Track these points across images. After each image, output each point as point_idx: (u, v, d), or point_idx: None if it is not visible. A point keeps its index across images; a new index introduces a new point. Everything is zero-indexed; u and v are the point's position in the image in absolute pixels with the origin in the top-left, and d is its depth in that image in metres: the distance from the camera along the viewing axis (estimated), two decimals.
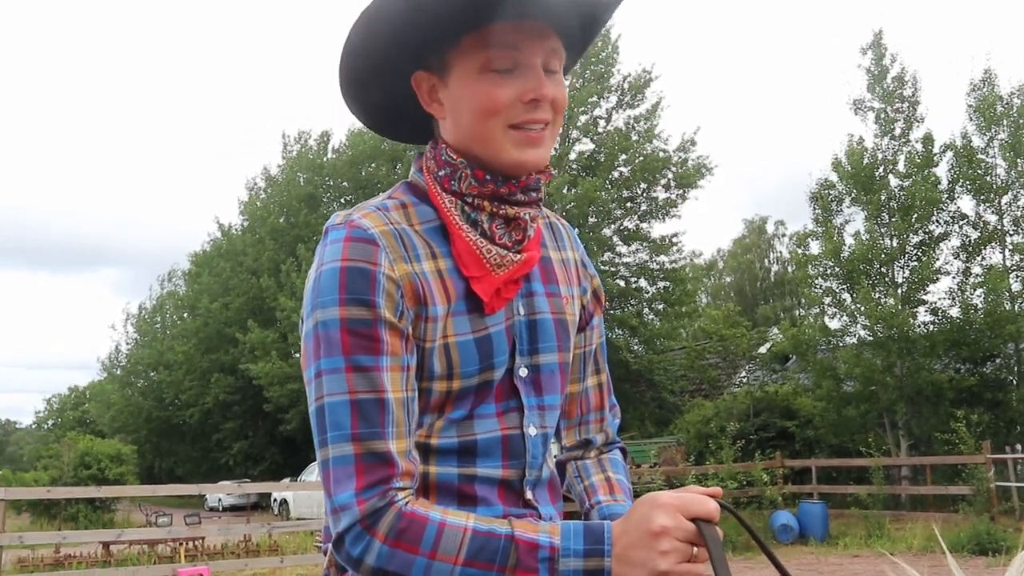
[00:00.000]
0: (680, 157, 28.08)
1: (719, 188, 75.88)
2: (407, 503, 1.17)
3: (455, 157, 1.31)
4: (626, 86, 28.37)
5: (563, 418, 1.54)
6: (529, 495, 1.36)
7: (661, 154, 27.85)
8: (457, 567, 1.14)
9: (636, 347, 28.21)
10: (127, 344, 49.72)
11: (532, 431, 1.35)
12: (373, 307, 1.20)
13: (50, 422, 63.28)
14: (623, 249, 29.32)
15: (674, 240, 28.74)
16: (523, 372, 1.34)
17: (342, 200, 34.28)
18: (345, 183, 34.35)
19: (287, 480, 27.46)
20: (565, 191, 26.52)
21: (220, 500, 33.44)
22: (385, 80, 1.38)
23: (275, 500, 29.06)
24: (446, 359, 1.27)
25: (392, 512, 1.16)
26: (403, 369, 1.22)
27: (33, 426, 70.47)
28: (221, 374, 37.01)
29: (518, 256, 1.32)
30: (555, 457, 1.59)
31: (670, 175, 27.96)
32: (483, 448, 1.31)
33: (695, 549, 1.14)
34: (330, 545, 1.22)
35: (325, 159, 37.29)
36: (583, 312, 1.50)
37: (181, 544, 13.72)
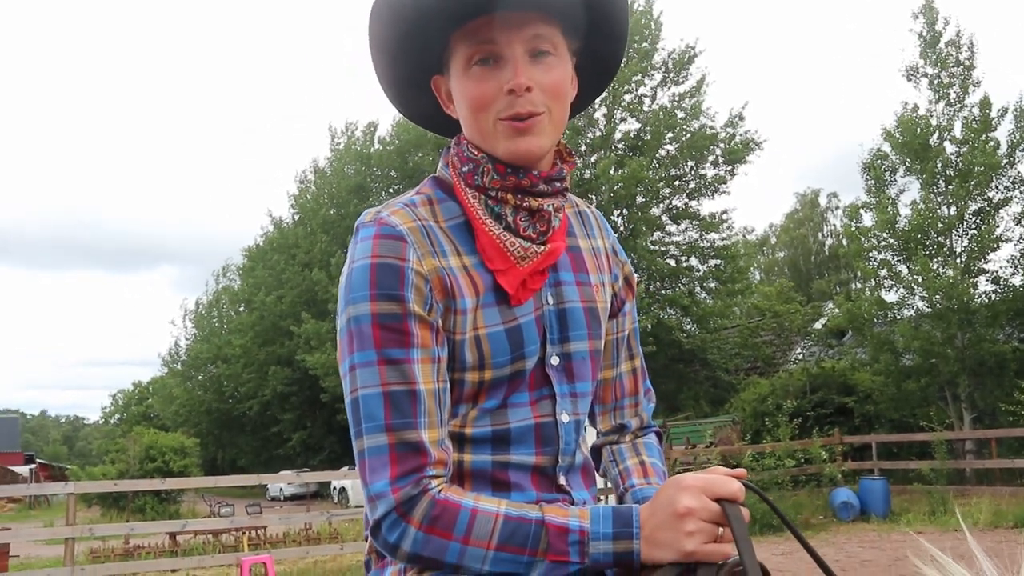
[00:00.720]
0: (728, 133, 27.67)
1: (769, 162, 74.66)
2: (440, 491, 1.20)
3: (476, 152, 1.34)
4: (670, 63, 28.00)
5: (598, 403, 1.56)
6: (562, 480, 1.37)
7: (708, 131, 27.47)
8: (490, 552, 1.17)
9: (688, 326, 27.98)
10: (186, 339, 50.86)
11: (565, 418, 1.36)
12: (403, 301, 1.23)
13: (116, 417, 64.97)
14: (672, 228, 29.05)
15: (724, 217, 28.38)
16: (555, 360, 1.36)
17: (390, 189, 34.51)
18: (392, 172, 34.55)
19: (345, 469, 27.86)
20: (612, 172, 26.32)
21: (281, 490, 34.10)
22: (422, 88, 1.42)
23: (334, 488, 29.53)
24: (478, 350, 1.28)
25: (426, 499, 1.18)
26: (434, 361, 1.25)
27: (100, 422, 72.40)
28: (278, 366, 37.65)
29: (542, 248, 1.33)
30: (592, 442, 1.60)
31: (718, 151, 27.57)
32: (516, 436, 1.32)
33: (720, 529, 1.16)
34: (368, 532, 1.25)
35: (372, 149, 37.55)
36: (615, 299, 1.51)
37: (244, 533, 14.02)
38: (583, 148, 28.55)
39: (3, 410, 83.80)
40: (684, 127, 27.37)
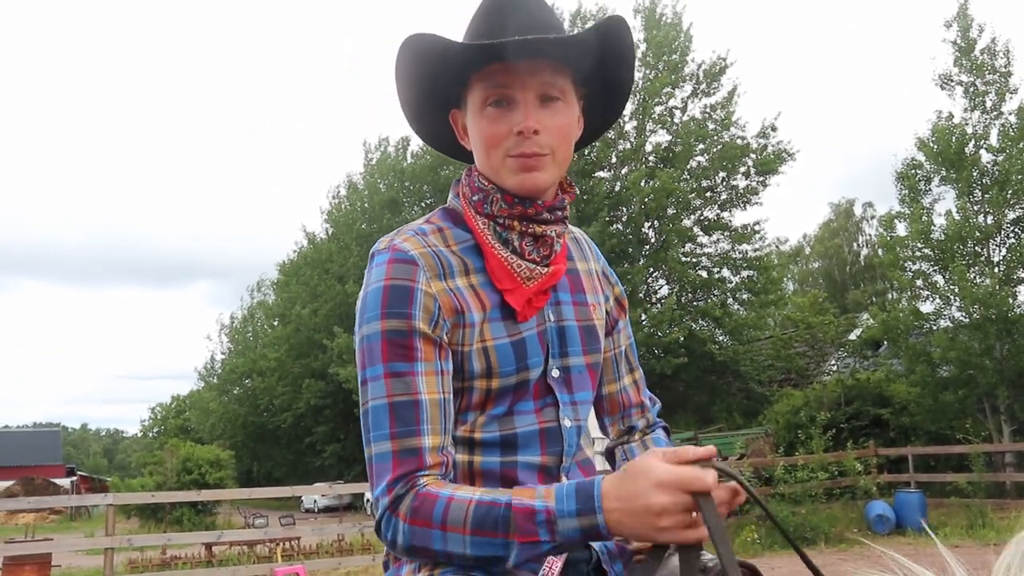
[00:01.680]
0: (760, 143, 27.52)
1: (804, 172, 73.99)
2: (425, 485, 1.30)
3: (487, 184, 1.47)
4: (701, 74, 27.94)
5: (607, 416, 1.68)
6: (565, 479, 1.46)
7: (739, 141, 27.34)
8: (467, 536, 1.25)
9: (721, 338, 27.78)
10: (222, 354, 51.40)
11: (567, 423, 1.48)
12: (409, 319, 1.35)
13: (155, 430, 65.75)
14: (704, 239, 28.90)
15: (756, 228, 28.19)
16: (555, 373, 1.48)
17: (422, 204, 34.68)
18: (425, 187, 34.73)
19: None
20: (643, 184, 26.29)
21: (315, 502, 34.32)
22: (437, 116, 1.58)
23: (367, 500, 29.65)
24: (486, 360, 1.40)
25: (411, 493, 1.29)
26: (438, 374, 1.36)
27: (139, 434, 73.36)
28: (312, 379, 37.93)
29: (545, 269, 1.47)
30: (604, 448, 1.72)
31: (750, 162, 27.43)
32: (523, 440, 1.44)
33: (693, 513, 1.18)
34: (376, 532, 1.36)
35: (405, 164, 37.82)
36: (608, 318, 1.65)
37: (278, 544, 14.16)
38: (613, 160, 28.56)
39: (45, 423, 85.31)
40: (715, 138, 27.28)
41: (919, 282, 19.72)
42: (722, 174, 27.65)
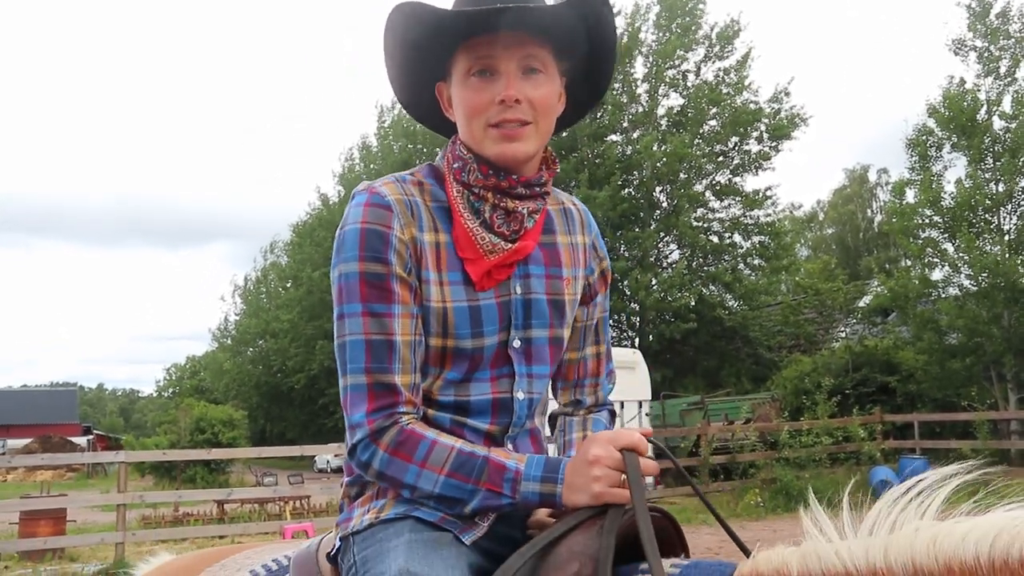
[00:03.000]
0: (772, 108, 27.31)
1: (818, 138, 73.26)
2: (409, 423, 1.42)
3: (466, 152, 1.52)
4: (714, 37, 27.66)
5: (561, 379, 1.75)
6: (509, 446, 1.56)
7: (752, 106, 27.13)
8: (441, 476, 1.40)
9: (731, 303, 27.81)
10: (235, 315, 51.74)
11: (520, 395, 1.55)
12: (387, 263, 1.44)
13: (170, 391, 66.52)
14: (716, 204, 28.83)
15: (768, 193, 28.07)
16: (516, 344, 1.55)
17: None
18: (438, 149, 34.63)
19: None
20: (655, 148, 26.17)
21: (328, 462, 34.74)
22: (424, 88, 1.62)
23: None
24: (443, 320, 1.48)
25: (395, 428, 1.41)
26: (412, 317, 1.46)
27: (155, 394, 74.26)
28: (325, 341, 38.14)
29: (509, 245, 1.51)
30: (552, 411, 1.80)
31: (762, 127, 27.24)
32: (475, 407, 1.52)
33: (623, 476, 1.34)
34: (347, 454, 1.48)
35: (418, 127, 37.68)
36: (588, 289, 1.70)
37: (287, 503, 14.41)
38: (625, 124, 28.40)
39: (62, 383, 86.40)
40: (728, 103, 27.07)
41: (928, 249, 19.65)
42: (735, 139, 27.49)
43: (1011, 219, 18.78)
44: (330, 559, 1.55)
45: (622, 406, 17.04)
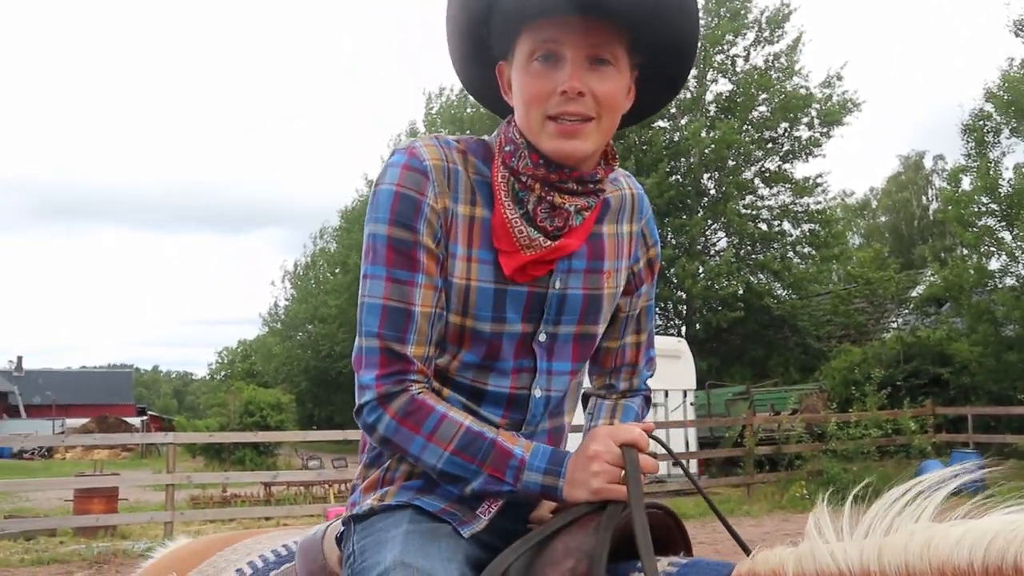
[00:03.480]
0: (824, 93, 26.80)
1: (872, 123, 71.72)
2: (420, 392, 1.40)
3: (519, 137, 1.44)
4: (764, 21, 27.20)
5: (596, 366, 1.70)
6: None
7: (803, 91, 26.65)
8: (447, 452, 1.37)
9: (779, 292, 27.43)
10: (285, 299, 52.44)
11: (538, 393, 1.51)
12: (415, 231, 1.39)
13: (222, 374, 67.67)
14: (764, 192, 28.43)
15: (819, 181, 27.60)
16: (542, 337, 1.49)
17: None
18: (486, 136, 34.62)
19: None
20: (703, 134, 25.86)
21: None
22: (484, 67, 1.54)
23: None
24: (464, 298, 1.43)
25: (405, 396, 1.39)
26: (435, 289, 1.42)
27: (207, 377, 75.69)
28: None
29: (548, 242, 1.43)
30: (585, 390, 1.74)
31: (813, 113, 26.75)
32: (490, 397, 1.49)
33: (622, 472, 1.32)
34: (354, 413, 1.46)
35: (465, 113, 37.72)
36: (633, 279, 1.62)
37: (331, 486, 14.60)
38: (673, 109, 28.08)
39: (119, 365, 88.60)
40: (778, 88, 26.62)
41: (985, 238, 19.14)
42: (784, 125, 27.06)
43: None
44: (338, 542, 1.55)
45: (666, 395, 16.94)
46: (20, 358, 58.18)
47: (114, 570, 9.31)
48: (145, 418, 47.75)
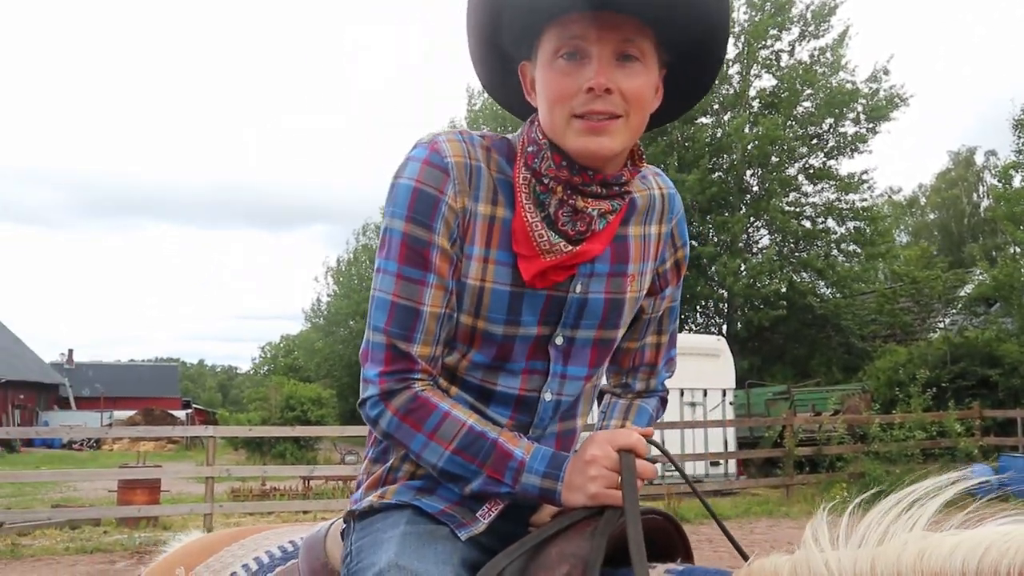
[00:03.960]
0: (870, 88, 26.33)
1: (920, 118, 70.29)
2: (423, 389, 1.38)
3: (542, 138, 1.40)
4: (809, 15, 26.79)
5: (614, 364, 1.67)
6: None
7: (849, 86, 26.21)
8: (447, 452, 1.35)
9: (823, 290, 27.03)
10: (328, 295, 52.97)
11: (548, 396, 1.48)
12: (431, 230, 1.37)
13: (265, 368, 68.60)
14: (808, 188, 28.02)
15: (864, 177, 27.14)
16: (559, 340, 1.46)
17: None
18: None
19: None
20: (746, 130, 25.57)
21: None
22: (507, 67, 1.50)
23: None
24: (477, 300, 1.40)
25: (408, 393, 1.38)
26: (446, 290, 1.39)
27: (251, 372, 76.84)
28: None
29: (569, 248, 1.39)
30: (600, 387, 1.71)
31: (859, 108, 26.30)
32: (499, 397, 1.46)
33: (619, 478, 1.29)
34: (358, 404, 1.46)
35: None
36: (658, 280, 1.58)
37: None
38: (715, 105, 27.80)
39: (166, 358, 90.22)
40: (823, 83, 26.21)
41: None
42: (829, 120, 26.64)
43: None
44: (343, 537, 1.54)
45: (705, 394, 16.78)
46: (71, 351, 59.49)
47: (153, 560, 9.46)
48: (190, 411, 48.56)
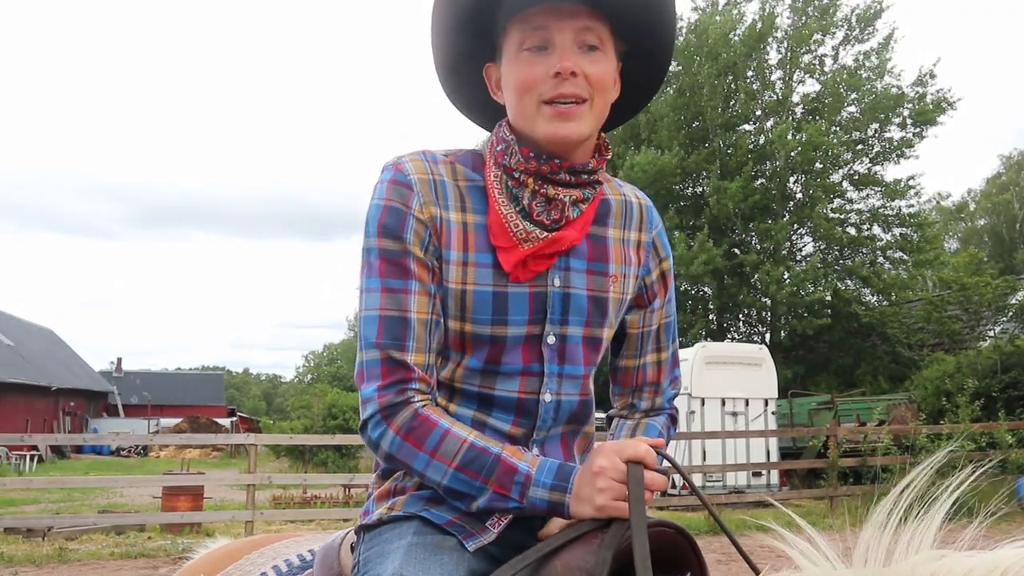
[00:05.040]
0: (916, 92, 25.87)
1: (969, 122, 68.89)
2: (424, 406, 1.38)
3: (509, 134, 1.47)
4: (854, 19, 26.44)
5: (617, 386, 1.67)
6: (535, 451, 1.48)
7: (894, 91, 25.79)
8: (451, 469, 1.35)
9: (869, 298, 26.55)
10: None
11: (547, 397, 1.47)
12: (403, 241, 1.41)
13: (308, 377, 69.20)
14: (853, 195, 27.61)
15: (911, 183, 26.65)
16: (551, 339, 1.47)
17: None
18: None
19: None
20: (789, 137, 25.26)
21: None
22: (472, 70, 1.55)
23: None
24: (461, 303, 1.42)
25: (408, 410, 1.37)
26: (429, 296, 1.42)
27: (295, 380, 77.52)
28: None
29: (545, 234, 1.42)
30: (608, 413, 1.72)
31: (905, 113, 25.86)
32: (499, 402, 1.46)
33: (627, 490, 1.27)
34: (359, 429, 1.45)
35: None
36: (645, 292, 1.60)
37: None
38: (758, 112, 27.53)
39: (211, 367, 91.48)
40: (868, 88, 25.82)
41: None
42: (875, 126, 26.24)
43: None
44: (352, 550, 1.54)
45: (747, 404, 16.58)
46: (119, 359, 60.63)
47: (180, 568, 9.59)
48: (234, 419, 49.16)
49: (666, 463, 1.34)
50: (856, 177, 27.13)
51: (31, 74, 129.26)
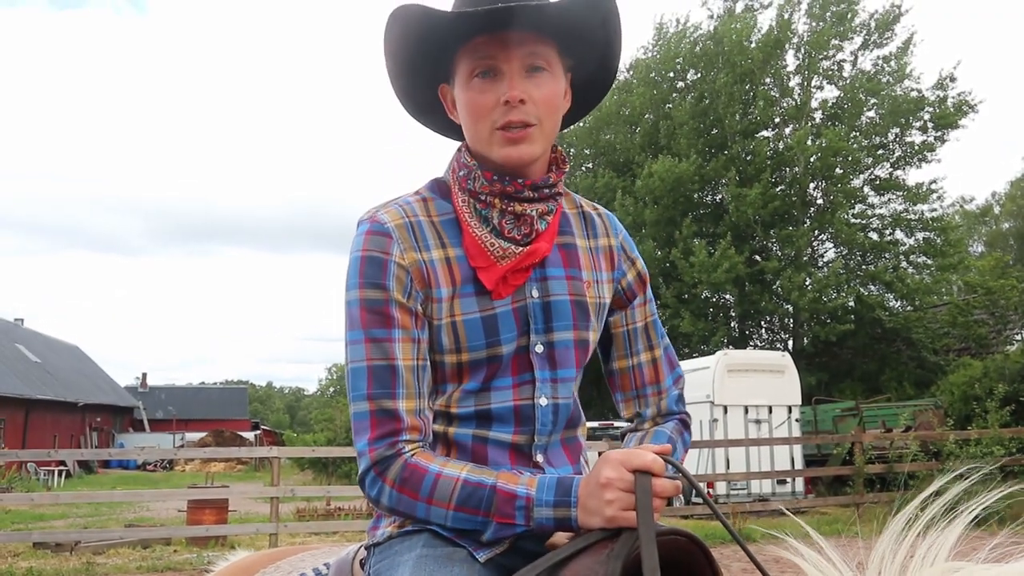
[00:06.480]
0: (937, 96, 25.67)
1: (993, 125, 68.22)
2: (413, 455, 1.38)
3: (470, 160, 1.50)
4: (872, 24, 26.30)
5: (619, 392, 1.68)
6: (539, 458, 1.50)
7: (914, 95, 25.60)
8: (450, 511, 1.35)
9: (892, 303, 26.30)
10: None
11: (543, 401, 1.49)
12: (385, 289, 1.42)
13: (331, 390, 69.51)
14: (875, 200, 27.41)
15: (933, 187, 26.42)
16: (539, 348, 1.49)
17: (583, 168, 34.49)
18: (586, 150, 34.56)
19: None
20: (808, 143, 25.14)
21: None
22: (427, 91, 1.59)
23: None
24: (454, 335, 1.45)
25: (399, 462, 1.37)
26: (414, 341, 1.43)
27: (318, 393, 77.87)
28: None
29: (520, 249, 1.46)
30: (621, 430, 1.72)
31: (926, 117, 25.65)
32: (497, 415, 1.48)
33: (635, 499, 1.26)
34: (359, 483, 1.45)
35: (565, 130, 37.74)
36: (623, 293, 1.63)
37: None
38: (777, 119, 27.43)
39: (236, 380, 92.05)
40: (888, 92, 25.65)
41: None
42: (895, 130, 26.05)
43: None
44: (363, 566, 1.56)
45: (770, 411, 16.46)
46: (144, 375, 61.15)
47: None
48: (258, 432, 49.40)
49: (675, 470, 1.33)
50: (877, 182, 26.94)
51: (60, 94, 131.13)
